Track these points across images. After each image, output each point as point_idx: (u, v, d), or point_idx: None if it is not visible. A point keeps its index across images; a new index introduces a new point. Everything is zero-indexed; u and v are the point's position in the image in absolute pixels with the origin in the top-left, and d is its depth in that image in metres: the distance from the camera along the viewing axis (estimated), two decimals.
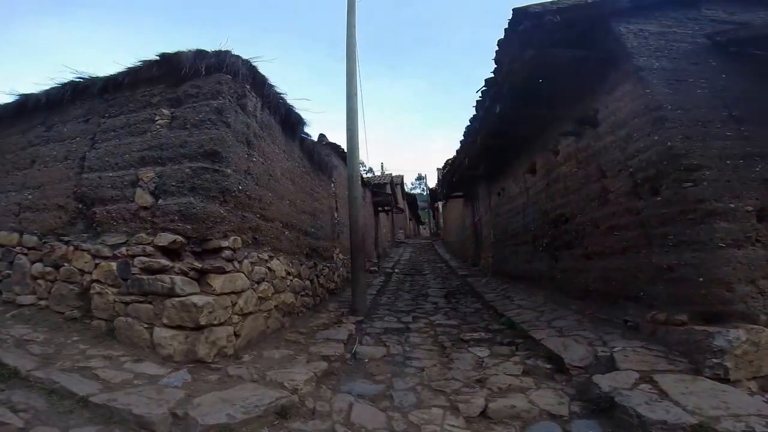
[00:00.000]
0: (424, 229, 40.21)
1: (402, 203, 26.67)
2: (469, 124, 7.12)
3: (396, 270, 12.19)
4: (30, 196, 4.44)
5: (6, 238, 4.48)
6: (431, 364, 3.62)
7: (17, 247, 4.36)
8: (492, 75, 5.23)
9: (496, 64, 4.99)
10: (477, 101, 6.13)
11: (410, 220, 34.58)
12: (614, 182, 4.33)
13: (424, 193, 43.17)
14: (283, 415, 2.57)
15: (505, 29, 4.43)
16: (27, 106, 4.90)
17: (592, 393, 2.66)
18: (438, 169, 19.93)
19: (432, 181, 31.46)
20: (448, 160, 12.11)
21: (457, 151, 8.99)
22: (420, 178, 56.81)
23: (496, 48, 4.75)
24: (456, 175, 10.38)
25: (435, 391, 3.07)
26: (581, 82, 4.68)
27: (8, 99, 5.14)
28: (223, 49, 3.94)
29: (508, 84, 5.03)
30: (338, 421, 2.59)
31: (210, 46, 4.11)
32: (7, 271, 4.38)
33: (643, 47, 3.97)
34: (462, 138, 8.04)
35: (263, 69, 4.40)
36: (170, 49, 4.64)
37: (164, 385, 2.82)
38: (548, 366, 3.35)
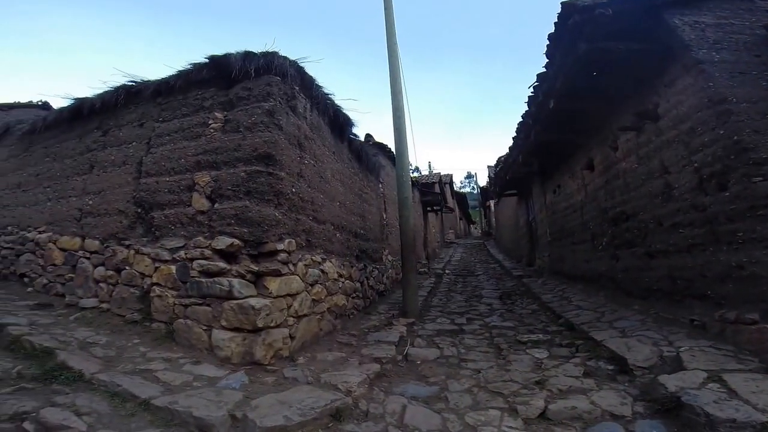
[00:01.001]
0: (475, 228, 40.38)
1: (451, 202, 27.12)
2: (521, 119, 7.29)
3: (447, 271, 12.54)
4: (91, 201, 5.00)
5: (69, 243, 5.08)
6: (487, 366, 3.86)
7: (80, 251, 4.93)
8: (544, 69, 5.38)
9: (547, 58, 5.15)
10: (529, 97, 6.28)
11: (460, 219, 34.92)
12: (678, 178, 4.44)
13: (475, 192, 43.16)
14: (337, 417, 2.75)
15: (555, 23, 4.60)
16: (83, 111, 5.46)
17: (658, 393, 2.84)
18: (489, 166, 20.07)
19: (483, 179, 31.54)
20: (500, 157, 12.27)
21: (509, 147, 9.13)
22: (470, 176, 57.06)
23: (547, 42, 4.90)
24: (509, 172, 10.51)
25: (492, 392, 3.26)
26: (638, 75, 4.81)
27: (64, 103, 5.71)
28: (270, 50, 4.22)
29: (562, 79, 5.18)
30: (391, 423, 2.75)
31: (241, 47, 4.41)
32: (70, 275, 4.96)
33: (701, 39, 4.10)
34: (514, 134, 8.20)
35: (310, 69, 4.67)
36: (210, 51, 5.03)
37: (223, 387, 3.06)
38: (610, 367, 3.52)
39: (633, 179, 5.46)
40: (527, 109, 6.76)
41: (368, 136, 9.41)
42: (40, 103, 12.60)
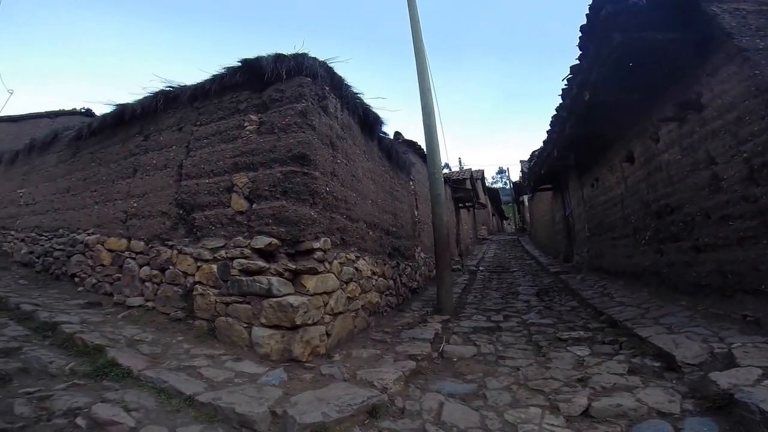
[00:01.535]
0: (508, 224, 40.03)
1: (483, 198, 26.97)
2: (555, 112, 7.21)
3: (481, 268, 12.45)
4: (135, 204, 5.27)
5: (116, 244, 5.36)
6: (527, 364, 3.82)
7: (126, 252, 5.20)
8: (577, 62, 5.30)
9: (580, 50, 5.08)
10: (563, 89, 6.22)
11: (493, 215, 34.73)
12: (726, 169, 4.29)
13: (507, 187, 42.73)
14: (373, 414, 2.77)
15: (587, 14, 4.54)
16: (124, 117, 5.76)
17: (708, 390, 2.76)
18: (522, 161, 19.80)
19: (515, 174, 31.23)
20: (534, 151, 12.11)
21: (544, 141, 9.02)
22: (501, 171, 56.53)
23: (579, 34, 4.84)
24: (544, 166, 10.37)
25: (532, 390, 3.22)
26: (677, 65, 4.69)
27: (106, 109, 6.05)
28: (299, 51, 4.32)
29: (596, 71, 5.11)
30: (428, 420, 2.75)
31: (269, 50, 4.48)
32: (117, 275, 5.24)
33: (743, 27, 3.99)
34: (549, 128, 8.08)
35: (338, 70, 4.75)
36: (240, 55, 5.17)
37: (263, 383, 3.13)
38: (657, 364, 3.44)
39: (677, 171, 5.29)
40: (561, 102, 6.67)
41: (397, 134, 9.48)
42: (83, 110, 13.31)
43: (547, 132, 8.47)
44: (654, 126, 5.68)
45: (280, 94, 4.32)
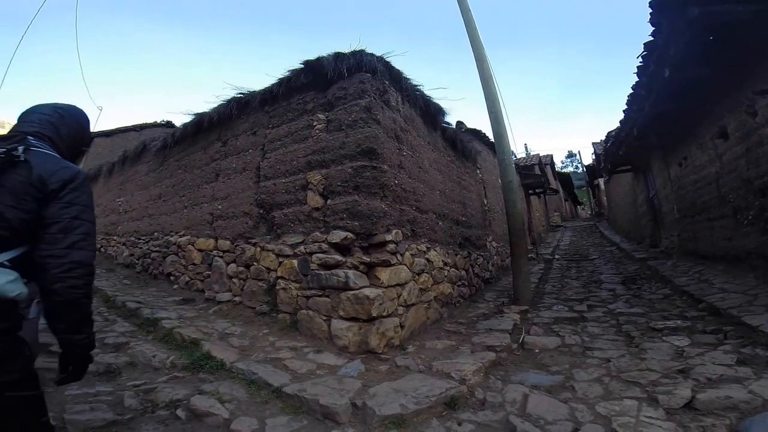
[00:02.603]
0: (583, 209, 38.27)
1: (554, 184, 26.11)
2: (632, 91, 6.81)
3: (556, 256, 12.09)
4: (219, 206, 5.65)
5: (204, 244, 5.80)
6: (618, 355, 3.63)
7: (214, 251, 5.61)
8: (650, 38, 5.01)
9: (652, 26, 4.79)
10: (638, 67, 5.90)
11: (565, 201, 33.49)
12: None
13: (579, 171, 40.80)
14: (451, 405, 2.75)
15: None
16: (203, 125, 6.18)
17: None
18: (594, 143, 18.74)
19: (587, 158, 29.78)
20: (610, 132, 11.46)
21: (621, 121, 8.55)
22: (571, 155, 54.28)
23: (650, 10, 4.54)
24: (622, 147, 9.80)
25: (626, 382, 3.05)
26: (765, 35, 4.19)
27: (185, 119, 6.54)
28: (356, 49, 4.40)
29: (674, 46, 4.75)
30: (512, 412, 2.68)
31: (324, 51, 4.61)
32: (207, 272, 5.66)
33: None
34: (626, 107, 7.66)
35: (396, 63, 4.77)
36: (301, 57, 5.35)
37: (342, 375, 3.21)
38: None
39: None
40: (638, 80, 6.29)
41: (459, 123, 9.38)
42: (164, 122, 14.51)
43: (624, 111, 7.99)
44: (749, 99, 5.15)
45: (344, 92, 4.41)
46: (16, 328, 1.40)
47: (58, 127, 1.68)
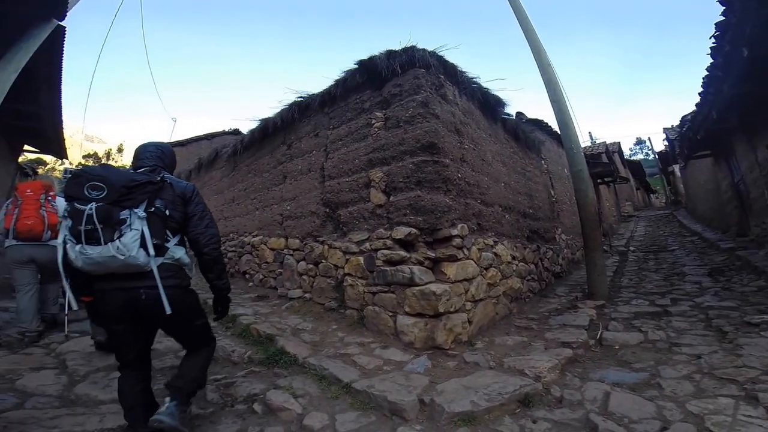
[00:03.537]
0: (657, 198, 35.75)
1: (624, 172, 24.55)
2: (707, 72, 6.32)
3: (631, 248, 11.44)
4: (288, 207, 5.92)
5: (276, 243, 6.10)
6: (709, 351, 3.40)
7: (285, 250, 5.89)
8: (722, 18, 4.64)
9: (722, 5, 4.43)
10: (711, 47, 5.47)
11: (637, 189, 31.40)
12: None
13: (650, 158, 38.15)
14: (525, 403, 2.70)
15: None
16: (268, 130, 6.49)
17: None
18: (665, 129, 17.31)
19: (658, 144, 27.71)
20: (685, 115, 10.61)
21: (697, 104, 7.93)
22: (640, 142, 51.06)
23: None
24: (699, 131, 9.07)
25: (720, 379, 2.86)
26: None
27: (250, 125, 6.87)
28: (408, 45, 4.39)
29: (750, 24, 4.34)
30: (593, 410, 2.58)
31: (375, 48, 4.64)
32: (279, 270, 5.96)
33: None
34: (701, 89, 7.12)
35: (449, 57, 4.70)
36: (355, 56, 5.40)
37: (409, 371, 3.21)
38: None
39: None
40: (713, 61, 5.82)
41: (520, 114, 9.10)
42: (231, 130, 15.34)
43: (700, 94, 7.40)
44: None
45: (399, 89, 4.42)
46: (190, 283, 2.39)
47: (163, 158, 2.57)
